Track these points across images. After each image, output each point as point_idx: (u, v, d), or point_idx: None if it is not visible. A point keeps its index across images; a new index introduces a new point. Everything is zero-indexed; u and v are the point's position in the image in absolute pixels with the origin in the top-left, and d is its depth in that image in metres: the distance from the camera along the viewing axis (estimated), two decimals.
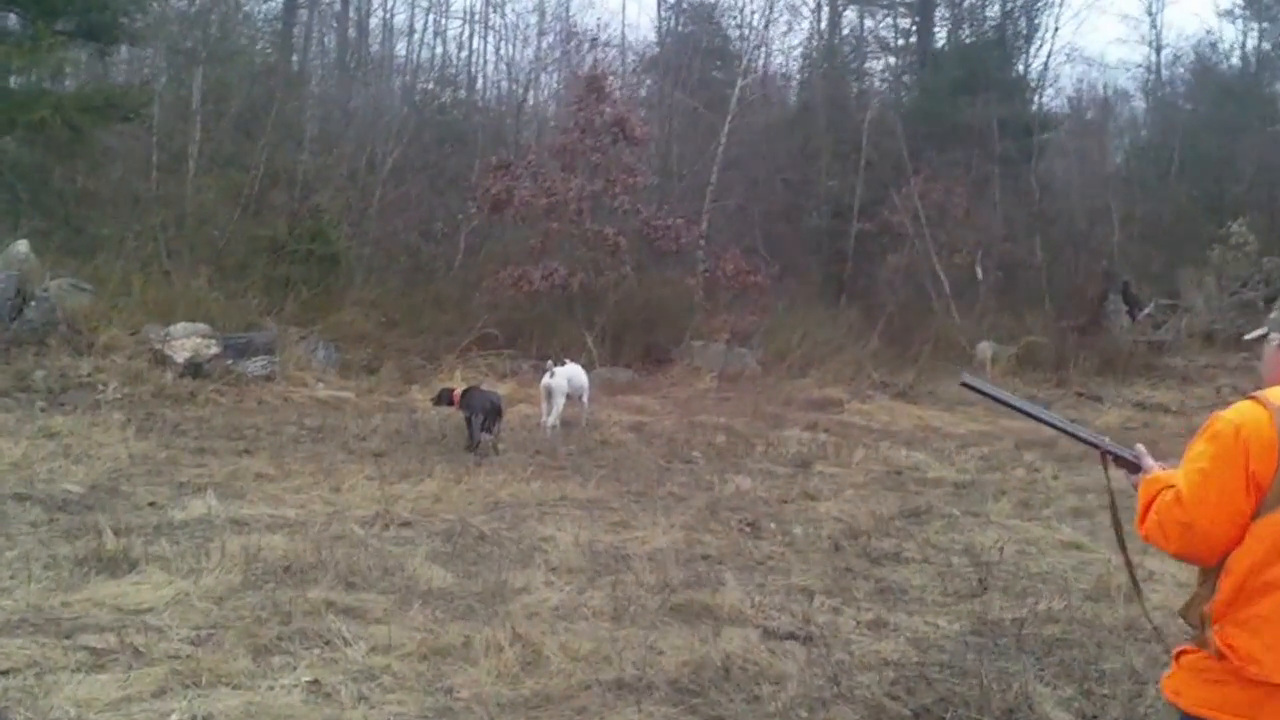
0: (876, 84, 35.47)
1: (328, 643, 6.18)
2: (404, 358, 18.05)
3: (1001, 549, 8.78)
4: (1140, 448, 3.43)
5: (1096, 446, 3.50)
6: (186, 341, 15.23)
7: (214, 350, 15.26)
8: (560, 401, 13.73)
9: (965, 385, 3.73)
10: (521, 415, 14.78)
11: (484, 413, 12.54)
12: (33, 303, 15.19)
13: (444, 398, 13.16)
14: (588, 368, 15.60)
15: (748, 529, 9.54)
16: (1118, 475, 3.49)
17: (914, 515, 10.30)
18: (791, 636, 6.67)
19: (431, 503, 9.94)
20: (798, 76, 34.88)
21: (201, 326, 15.92)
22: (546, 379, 13.81)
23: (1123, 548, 3.65)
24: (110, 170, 21.00)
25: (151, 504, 9.40)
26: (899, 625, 7.05)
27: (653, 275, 21.74)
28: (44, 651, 5.83)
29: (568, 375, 14.08)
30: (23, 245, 17.02)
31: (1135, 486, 3.32)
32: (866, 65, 36.27)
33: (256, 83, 24.07)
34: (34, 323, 15.06)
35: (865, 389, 18.66)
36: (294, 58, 30.07)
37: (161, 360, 14.94)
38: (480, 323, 18.83)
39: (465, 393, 13.00)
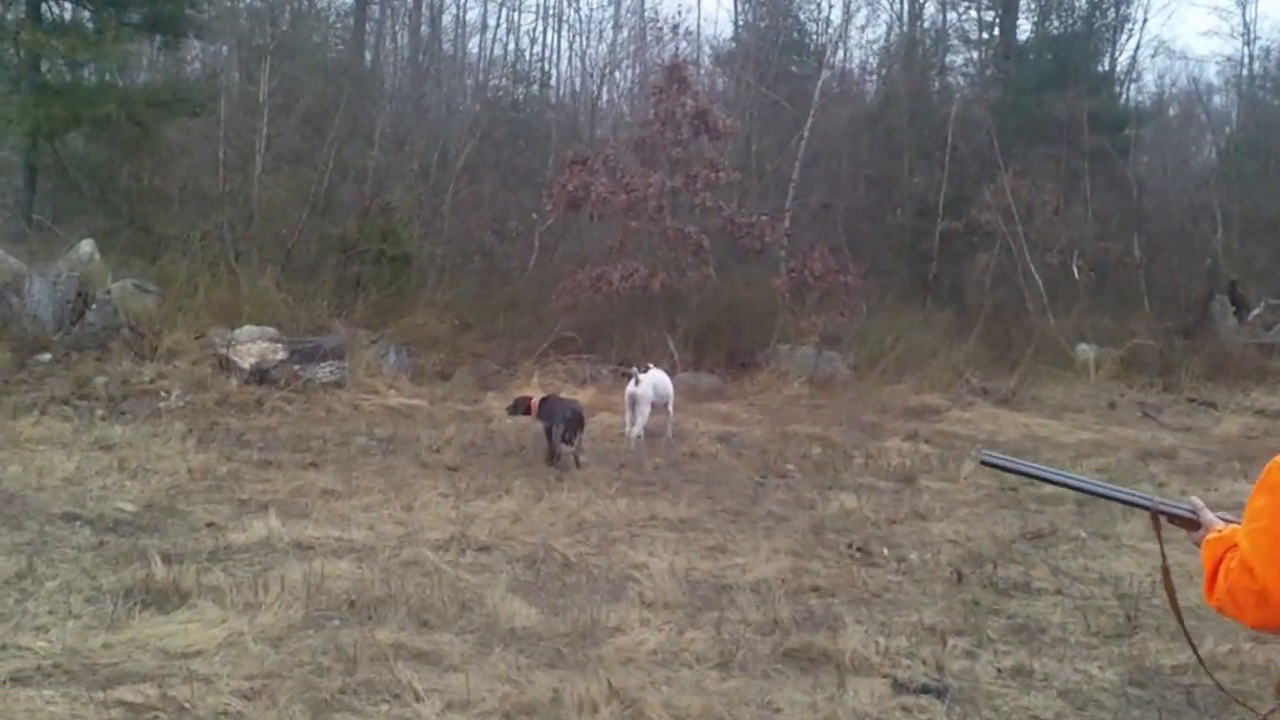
0: (959, 79, 34.44)
1: (397, 696, 5.46)
2: (478, 363, 17.25)
3: (1152, 582, 7.83)
4: (1196, 500, 3.12)
5: (1144, 507, 3.18)
6: (252, 346, 14.57)
7: (281, 355, 14.58)
8: (646, 410, 12.89)
9: (986, 464, 3.36)
10: (603, 424, 13.95)
11: (564, 422, 11.69)
12: (94, 305, 14.62)
13: (520, 406, 12.38)
14: (670, 373, 14.68)
15: (858, 554, 8.71)
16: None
17: (1037, 537, 9.43)
18: (926, 690, 5.84)
19: (510, 523, 9.16)
20: (878, 72, 33.93)
21: (269, 330, 15.27)
22: (631, 387, 12.95)
23: (1179, 618, 3.31)
24: (176, 167, 20.48)
25: (210, 525, 8.73)
26: (1046, 674, 6.20)
27: (736, 275, 20.81)
28: (74, 707, 5.15)
29: (653, 382, 13.20)
30: (87, 245, 16.62)
31: (1197, 545, 3.02)
32: (948, 60, 35.21)
33: (327, 79, 23.61)
34: (95, 326, 14.49)
35: (965, 395, 17.64)
36: (366, 54, 29.57)
37: (226, 366, 14.29)
38: (558, 326, 18.01)
39: (543, 401, 12.22)
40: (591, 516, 9.53)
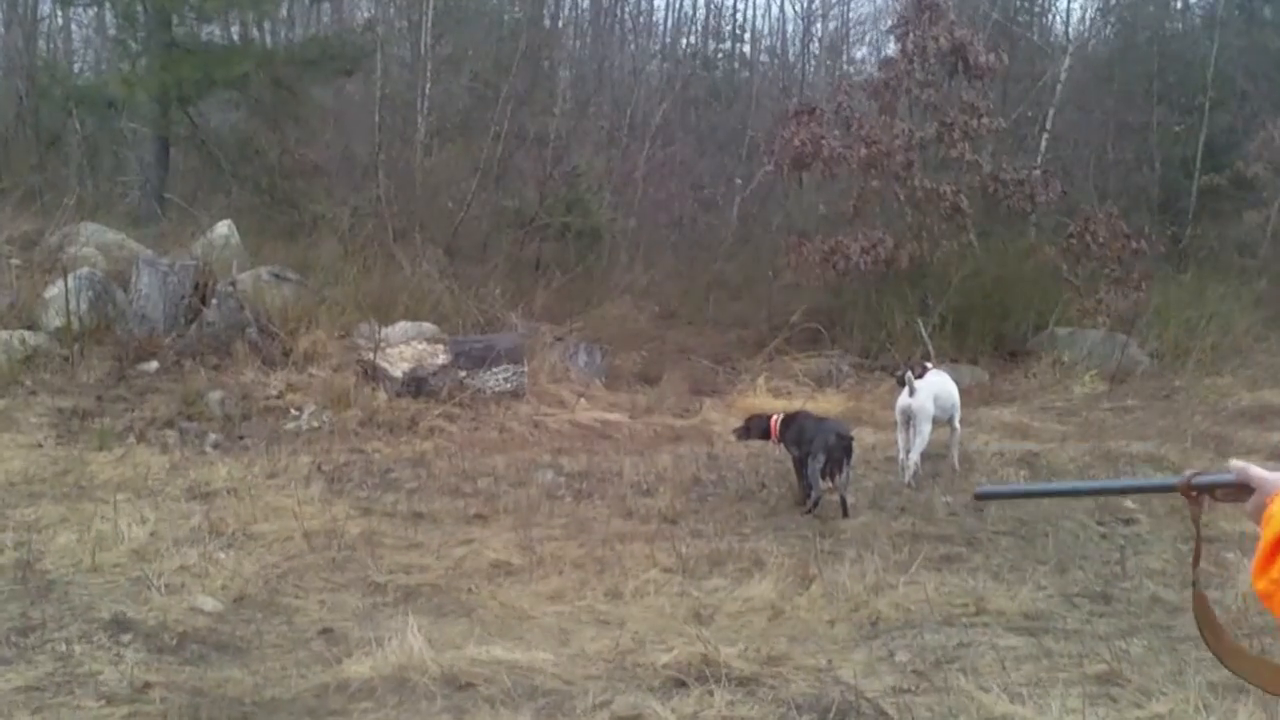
0: (1197, 20, 30.51)
1: None
2: (688, 361, 14.16)
3: None
4: (1236, 463, 2.09)
5: (1172, 487, 2.16)
6: (406, 349, 11.58)
7: (442, 359, 11.56)
8: (927, 430, 9.29)
9: (981, 497, 1.22)
10: (860, 444, 10.50)
11: (825, 452, 8.35)
12: (214, 300, 11.72)
13: (756, 428, 9.13)
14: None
15: None
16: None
17: None
18: None
19: (769, 622, 6.05)
20: (1116, 13, 30.20)
21: (427, 327, 12.38)
22: (904, 398, 9.35)
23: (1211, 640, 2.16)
24: (327, 135, 18.38)
25: (323, 633, 5.80)
26: None
27: (1000, 243, 17.25)
28: None
29: (934, 390, 9.56)
30: (224, 227, 14.15)
31: (1255, 516, 1.99)
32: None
33: (501, 39, 21.39)
34: (216, 326, 11.56)
35: None
36: (545, 11, 27.16)
37: (373, 374, 11.28)
38: (798, 313, 14.79)
39: (788, 420, 8.95)
40: (889, 610, 6.25)
